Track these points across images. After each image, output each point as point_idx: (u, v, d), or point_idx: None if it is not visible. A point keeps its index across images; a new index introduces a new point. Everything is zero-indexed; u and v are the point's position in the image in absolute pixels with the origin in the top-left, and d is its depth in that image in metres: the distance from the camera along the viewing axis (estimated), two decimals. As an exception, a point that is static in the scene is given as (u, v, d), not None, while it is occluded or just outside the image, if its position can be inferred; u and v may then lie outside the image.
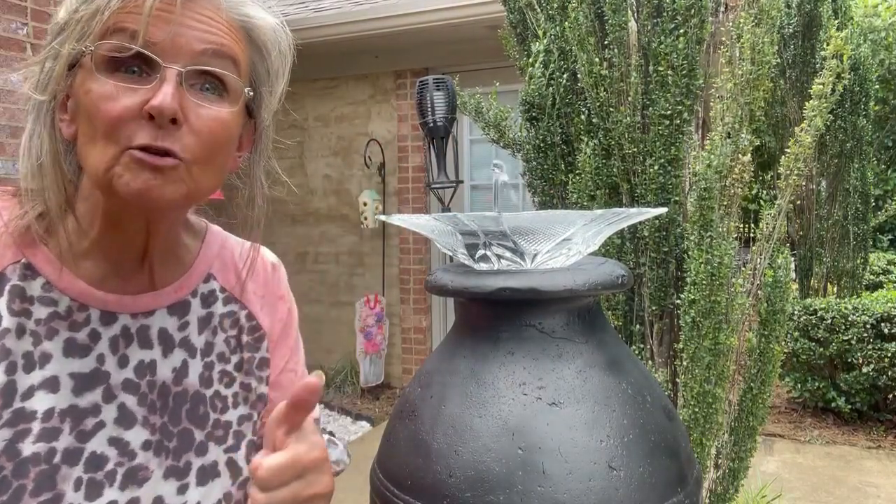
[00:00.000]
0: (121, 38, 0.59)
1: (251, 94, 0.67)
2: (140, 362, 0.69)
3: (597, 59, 2.04)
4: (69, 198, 0.64)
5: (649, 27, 2.01)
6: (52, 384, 0.64)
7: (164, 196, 0.60)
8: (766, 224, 2.14)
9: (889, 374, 4.06)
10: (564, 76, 2.20)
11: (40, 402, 0.63)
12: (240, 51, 0.65)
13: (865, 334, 4.06)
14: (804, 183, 4.67)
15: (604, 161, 2.10)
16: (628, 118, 2.02)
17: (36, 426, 0.62)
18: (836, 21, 4.35)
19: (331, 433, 0.93)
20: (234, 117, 0.65)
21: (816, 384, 4.38)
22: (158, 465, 0.69)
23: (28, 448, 0.61)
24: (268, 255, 0.85)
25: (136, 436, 0.68)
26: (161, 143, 0.59)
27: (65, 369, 0.65)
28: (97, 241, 0.67)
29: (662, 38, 1.96)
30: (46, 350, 0.64)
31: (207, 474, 0.73)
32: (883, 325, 4.02)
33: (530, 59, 2.26)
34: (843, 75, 2.19)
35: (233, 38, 0.64)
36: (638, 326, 2.10)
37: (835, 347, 4.15)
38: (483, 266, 0.80)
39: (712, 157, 1.89)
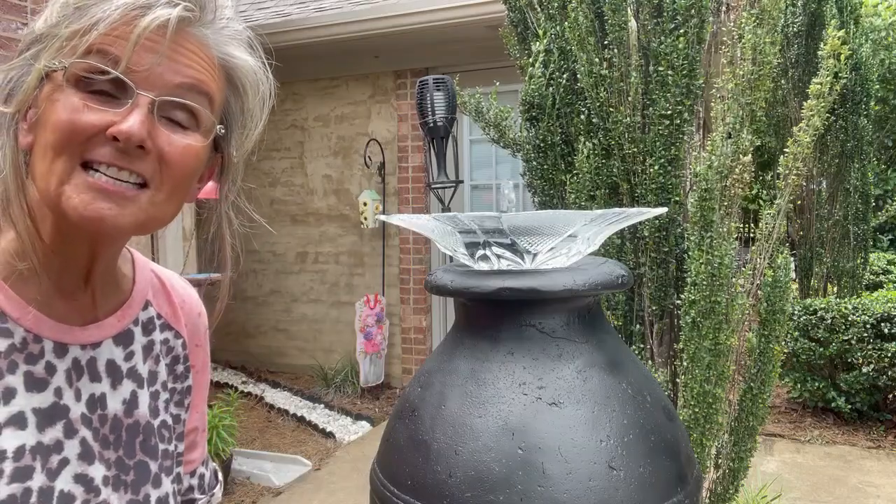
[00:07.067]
0: (100, 61, 0.57)
1: (223, 130, 0.66)
2: (91, 396, 0.67)
3: (597, 59, 2.04)
4: (31, 214, 0.60)
5: (649, 27, 2.01)
6: (19, 420, 0.61)
7: (117, 224, 0.58)
8: (766, 224, 2.14)
9: (889, 374, 4.05)
10: (564, 76, 2.20)
11: (9, 441, 0.60)
12: (216, 88, 0.64)
13: (865, 334, 4.05)
14: (804, 183, 4.66)
15: (604, 161, 2.10)
16: (628, 118, 2.02)
17: (8, 466, 0.59)
18: (842, 20, 4.35)
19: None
20: (203, 150, 0.64)
21: (816, 384, 4.38)
22: (119, 501, 0.67)
23: (3, 490, 0.58)
24: (181, 279, 0.83)
25: (97, 471, 0.66)
26: (127, 165, 0.57)
27: (29, 404, 0.62)
28: (41, 261, 0.63)
29: (662, 37, 1.95)
30: (10, 385, 0.61)
31: None
32: (883, 325, 4.02)
33: (530, 59, 2.26)
34: (840, 75, 2.19)
35: (211, 75, 0.63)
36: (638, 326, 2.10)
37: (835, 347, 4.15)
38: (483, 266, 0.80)
39: (713, 157, 1.89)
